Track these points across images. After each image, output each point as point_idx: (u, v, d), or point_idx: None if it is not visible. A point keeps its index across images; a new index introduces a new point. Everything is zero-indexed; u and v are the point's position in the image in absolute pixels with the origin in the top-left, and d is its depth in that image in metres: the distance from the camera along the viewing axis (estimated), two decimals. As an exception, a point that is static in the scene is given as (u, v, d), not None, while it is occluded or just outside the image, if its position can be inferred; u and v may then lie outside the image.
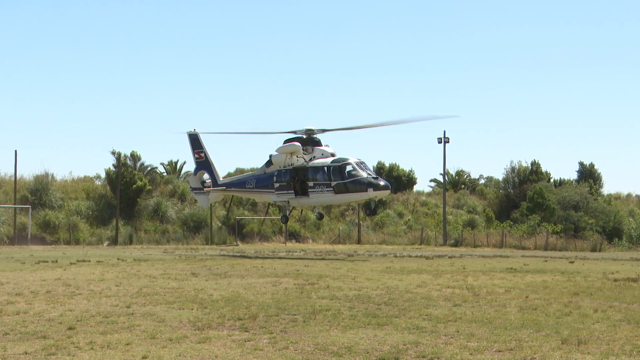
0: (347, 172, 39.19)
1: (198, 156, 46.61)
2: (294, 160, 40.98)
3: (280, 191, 41.69)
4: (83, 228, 59.87)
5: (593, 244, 57.45)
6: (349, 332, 13.03)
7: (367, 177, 38.92)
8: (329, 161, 39.94)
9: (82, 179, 71.70)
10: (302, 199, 41.08)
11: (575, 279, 24.71)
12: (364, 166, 39.69)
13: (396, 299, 18.10)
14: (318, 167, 40.13)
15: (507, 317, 14.81)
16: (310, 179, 40.36)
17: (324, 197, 40.21)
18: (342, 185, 39.18)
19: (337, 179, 39.32)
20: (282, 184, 41.50)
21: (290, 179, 41.08)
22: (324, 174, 39.82)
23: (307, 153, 40.92)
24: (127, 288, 20.20)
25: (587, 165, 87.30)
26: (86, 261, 32.54)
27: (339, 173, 39.29)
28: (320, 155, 40.68)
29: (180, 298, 17.85)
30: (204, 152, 46.38)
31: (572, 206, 68.99)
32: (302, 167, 40.68)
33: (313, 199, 40.69)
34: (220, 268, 28.82)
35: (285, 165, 41.39)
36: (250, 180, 43.84)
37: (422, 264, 33.27)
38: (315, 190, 40.19)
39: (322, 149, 40.98)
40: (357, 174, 39.00)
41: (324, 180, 39.77)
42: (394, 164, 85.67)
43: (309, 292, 19.55)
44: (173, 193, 69.21)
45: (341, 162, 39.54)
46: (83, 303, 16.86)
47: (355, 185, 38.91)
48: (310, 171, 40.38)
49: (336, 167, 39.45)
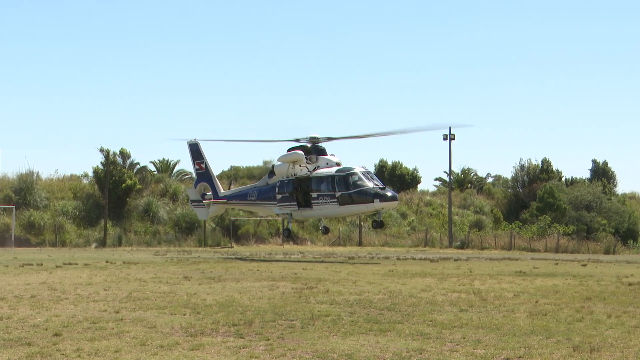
0: (352, 182, 38.88)
1: (199, 167, 46.41)
2: (297, 170, 40.76)
3: (283, 203, 41.39)
4: (69, 229, 59.84)
5: (606, 246, 57.50)
6: (350, 338, 13.03)
7: (374, 187, 38.63)
8: (333, 171, 39.71)
9: (69, 178, 71.64)
10: (306, 211, 40.86)
11: (588, 282, 24.73)
12: (370, 176, 39.49)
13: (399, 303, 18.11)
14: (322, 177, 39.90)
15: (515, 323, 14.82)
16: (313, 189, 40.10)
17: (328, 209, 39.96)
18: (347, 196, 38.90)
19: (341, 189, 39.03)
20: (285, 196, 41.21)
21: (293, 190, 40.81)
22: (328, 184, 39.57)
23: (311, 162, 40.69)
24: (116, 292, 20.21)
25: (600, 163, 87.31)
26: (73, 264, 32.54)
27: (344, 183, 39.02)
28: (325, 164, 40.46)
29: (171, 303, 17.85)
30: (205, 162, 46.20)
31: (584, 206, 69.01)
32: (305, 177, 40.44)
33: (317, 211, 40.44)
34: (214, 271, 28.83)
35: (288, 176, 41.10)
36: (252, 192, 43.54)
37: (427, 267, 33.29)
38: (319, 201, 39.93)
39: (327, 158, 40.77)
40: (363, 184, 38.74)
41: (328, 191, 39.50)
42: (397, 162, 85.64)
43: (307, 296, 19.56)
44: (164, 192, 69.18)
45: (346, 172, 39.27)
46: (70, 308, 16.86)
47: (361, 196, 38.63)
48: (314, 181, 40.12)
49: (341, 177, 39.17)
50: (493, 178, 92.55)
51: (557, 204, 67.96)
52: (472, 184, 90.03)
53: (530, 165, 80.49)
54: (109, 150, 65.37)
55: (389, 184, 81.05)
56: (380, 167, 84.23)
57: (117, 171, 64.17)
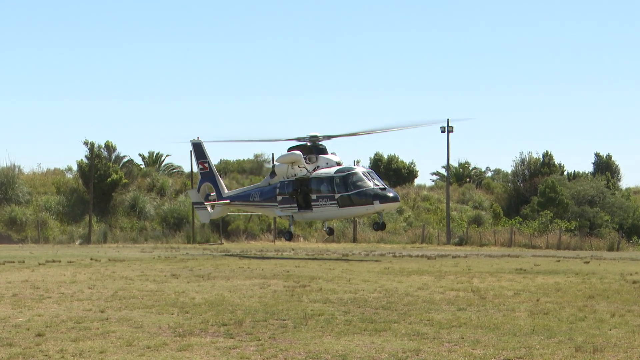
0: (351, 182, 38.78)
1: (202, 167, 46.20)
2: (297, 170, 40.72)
3: (284, 205, 41.32)
4: (53, 225, 59.77)
5: (610, 243, 57.58)
6: (344, 338, 13.04)
7: (374, 188, 38.52)
8: (332, 171, 39.59)
9: (52, 172, 71.55)
10: (306, 213, 40.83)
11: (591, 280, 24.80)
12: (371, 176, 39.39)
13: (395, 302, 18.14)
14: (321, 177, 39.80)
15: (516, 323, 14.85)
16: (313, 190, 40.05)
17: (328, 211, 39.91)
18: (347, 198, 38.83)
19: (341, 190, 38.93)
20: (285, 197, 41.13)
21: (293, 191, 40.78)
22: (327, 185, 39.47)
23: (311, 162, 40.53)
24: (101, 291, 20.20)
25: (603, 156, 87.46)
26: (56, 261, 32.52)
27: (343, 184, 38.91)
28: (325, 164, 40.30)
29: (159, 302, 17.86)
30: (208, 162, 46.01)
31: (587, 201, 69.13)
32: (305, 178, 40.37)
33: (317, 213, 40.41)
34: (203, 269, 28.84)
35: (288, 176, 41.07)
36: (254, 192, 43.39)
37: (424, 264, 33.34)
38: (319, 203, 39.86)
39: (327, 157, 40.64)
40: (363, 185, 38.62)
41: (328, 193, 39.41)
42: (393, 156, 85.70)
43: (300, 295, 19.58)
44: (152, 187, 69.12)
45: (345, 172, 39.18)
46: (53, 307, 16.85)
47: (361, 197, 38.56)
48: (313, 182, 40.03)
49: (340, 178, 39.05)
50: (493, 172, 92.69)
51: (559, 198, 68.04)
52: (470, 178, 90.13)
53: (531, 158, 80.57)
54: (94, 143, 65.23)
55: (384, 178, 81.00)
56: (376, 160, 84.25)
57: (102, 165, 64.06)
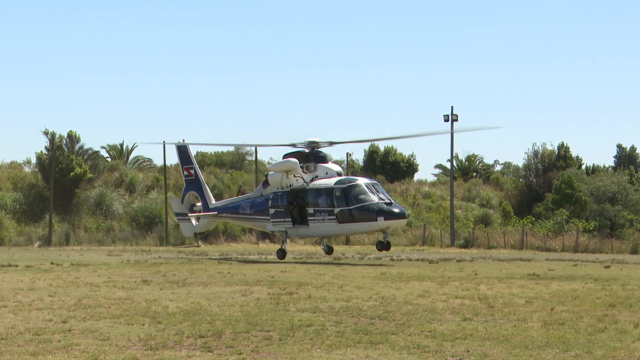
0: (353, 196, 38.34)
1: (187, 173, 45.93)
2: (292, 180, 40.23)
3: (276, 219, 40.90)
4: (8, 225, 59.65)
5: (633, 245, 57.73)
6: (335, 352, 13.06)
7: (378, 202, 38.00)
8: (332, 182, 39.16)
9: (8, 166, 71.45)
10: (301, 228, 40.45)
11: (612, 287, 24.86)
12: (376, 189, 38.95)
13: (393, 311, 18.16)
14: (319, 189, 39.36)
15: (528, 334, 14.88)
16: (310, 203, 39.63)
17: (326, 227, 39.50)
18: (347, 213, 38.42)
19: (341, 204, 38.44)
20: (279, 210, 40.67)
21: (287, 203, 40.27)
22: (326, 198, 39.02)
23: (308, 172, 40.03)
24: (63, 299, 20.17)
25: (626, 148, 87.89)
26: (12, 266, 32.44)
27: (344, 197, 38.45)
28: (324, 174, 39.82)
29: (128, 311, 17.84)
30: (194, 168, 45.85)
31: (608, 198, 69.36)
32: (301, 189, 39.95)
33: (313, 229, 40.14)
34: (178, 274, 28.82)
35: (283, 187, 40.55)
36: (245, 204, 42.68)
37: (425, 269, 33.38)
38: (316, 218, 39.41)
39: (327, 166, 40.27)
40: (366, 199, 38.15)
41: (326, 206, 38.94)
42: (391, 147, 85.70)
43: (286, 303, 19.58)
44: (120, 182, 69.08)
45: (347, 184, 38.85)
46: (9, 317, 16.82)
47: (363, 212, 38.09)
48: (310, 194, 39.60)
49: (340, 190, 38.61)
50: (502, 166, 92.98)
51: (576, 195, 68.19)
52: (477, 173, 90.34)
53: (545, 151, 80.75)
54: (55, 133, 65.14)
55: (381, 172, 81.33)
56: (371, 153, 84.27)
57: (64, 157, 63.96)
